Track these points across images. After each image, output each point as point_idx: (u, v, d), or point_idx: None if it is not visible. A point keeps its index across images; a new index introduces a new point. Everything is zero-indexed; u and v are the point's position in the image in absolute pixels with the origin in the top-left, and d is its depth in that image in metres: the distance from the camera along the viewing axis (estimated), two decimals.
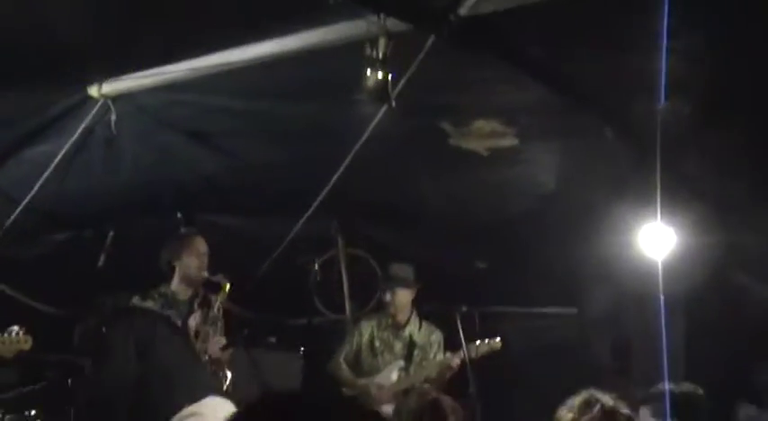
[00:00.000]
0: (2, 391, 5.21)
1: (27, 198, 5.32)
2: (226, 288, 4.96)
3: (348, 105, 4.16)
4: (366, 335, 5.75)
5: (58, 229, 6.09)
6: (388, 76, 3.34)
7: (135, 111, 4.58)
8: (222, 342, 4.93)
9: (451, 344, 5.47)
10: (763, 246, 5.00)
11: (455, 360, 5.33)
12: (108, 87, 4.40)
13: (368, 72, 3.35)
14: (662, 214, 4.34)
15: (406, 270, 5.62)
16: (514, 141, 4.55)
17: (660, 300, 4.67)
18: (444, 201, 5.39)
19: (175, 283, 5.03)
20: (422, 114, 4.40)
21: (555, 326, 6.04)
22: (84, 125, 4.66)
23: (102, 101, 4.47)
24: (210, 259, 5.11)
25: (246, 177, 5.33)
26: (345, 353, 5.77)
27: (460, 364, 5.31)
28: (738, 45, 3.41)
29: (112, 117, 4.54)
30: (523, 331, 5.77)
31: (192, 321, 5.00)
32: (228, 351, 4.95)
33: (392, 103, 3.51)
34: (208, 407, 2.61)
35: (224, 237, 5.61)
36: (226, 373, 4.86)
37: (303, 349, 6.43)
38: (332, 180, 5.11)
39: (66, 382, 5.57)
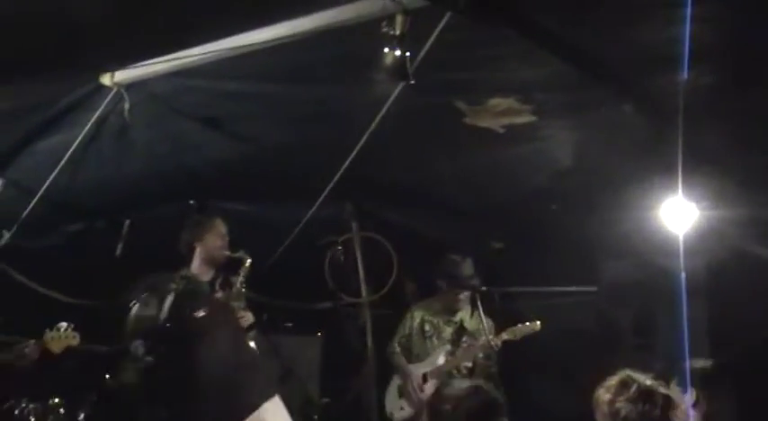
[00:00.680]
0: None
1: (42, 189, 5.32)
2: (247, 263, 4.96)
3: (362, 86, 4.11)
4: (417, 320, 5.97)
5: (73, 220, 6.08)
6: (407, 54, 3.30)
7: (148, 99, 4.54)
8: (250, 318, 4.92)
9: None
10: None
11: (496, 342, 5.51)
12: (121, 75, 4.37)
13: (385, 50, 3.31)
14: (683, 188, 4.30)
15: (466, 265, 5.70)
16: (531, 118, 4.49)
17: (682, 275, 4.64)
18: (460, 181, 5.34)
19: (196, 265, 5.03)
20: (436, 93, 4.33)
21: (575, 304, 6.01)
22: (98, 114, 4.63)
23: (116, 89, 4.44)
24: (229, 244, 5.12)
25: (260, 162, 5.30)
26: (399, 337, 6.00)
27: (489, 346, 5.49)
28: (764, 11, 3.33)
29: (126, 105, 4.50)
30: (543, 310, 5.72)
31: None
32: (253, 330, 4.95)
33: (411, 80, 3.46)
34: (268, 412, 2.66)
35: (237, 223, 5.58)
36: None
37: (320, 333, 6.45)
38: (346, 162, 5.06)
39: (85, 371, 5.61)
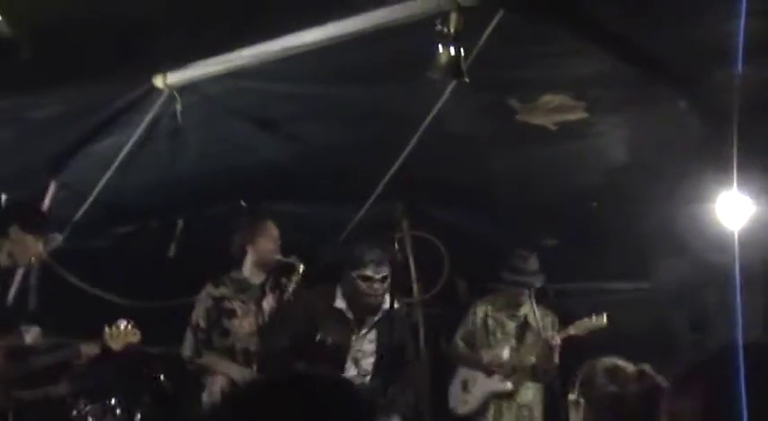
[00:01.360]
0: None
1: (95, 191, 5.39)
2: (299, 269, 4.97)
3: (414, 85, 4.11)
4: (480, 315, 6.00)
5: (125, 221, 6.15)
6: (461, 52, 3.28)
7: (200, 101, 4.58)
8: None
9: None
10: None
11: (558, 338, 5.53)
12: (173, 77, 4.41)
13: (440, 48, 3.30)
14: (738, 183, 4.22)
15: (532, 260, 5.73)
16: (584, 115, 4.45)
17: (736, 270, 4.56)
18: (512, 179, 5.32)
19: (247, 268, 5.05)
20: (488, 91, 4.33)
21: (628, 301, 5.94)
22: (151, 116, 4.68)
23: (168, 91, 4.48)
24: (281, 248, 5.13)
25: (311, 163, 5.32)
26: (462, 333, 6.04)
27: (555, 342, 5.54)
28: None
29: (178, 107, 4.54)
30: (596, 308, 5.67)
31: (266, 305, 5.03)
32: None
33: (465, 78, 3.45)
34: None
35: (288, 223, 5.61)
36: None
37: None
38: (398, 161, 5.06)
39: (141, 370, 5.68)
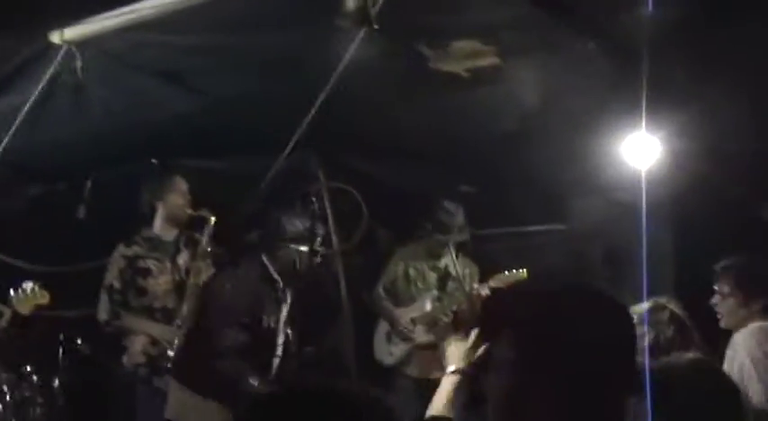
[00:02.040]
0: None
1: None
2: (211, 222, 4.91)
3: (323, 34, 4.02)
4: (401, 266, 5.95)
5: (32, 183, 5.94)
6: None
7: (101, 56, 4.39)
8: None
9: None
10: (746, 152, 4.99)
11: (484, 290, 5.53)
12: (70, 32, 4.22)
13: None
14: (647, 123, 4.30)
15: (459, 214, 5.71)
16: (495, 60, 4.44)
17: (643, 208, 4.68)
18: (427, 127, 5.30)
19: (158, 225, 4.98)
20: (399, 38, 4.26)
21: (546, 244, 6.05)
22: (50, 73, 4.48)
23: (66, 47, 4.29)
24: (191, 202, 5.05)
25: (221, 116, 5.19)
26: (384, 282, 5.97)
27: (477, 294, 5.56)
28: None
29: (78, 63, 4.36)
30: (514, 251, 5.77)
31: (181, 260, 4.98)
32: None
33: (374, 25, 3.38)
34: None
35: (202, 179, 5.50)
36: None
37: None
38: (310, 113, 4.98)
39: (57, 336, 5.55)
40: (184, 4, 3.91)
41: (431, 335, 5.80)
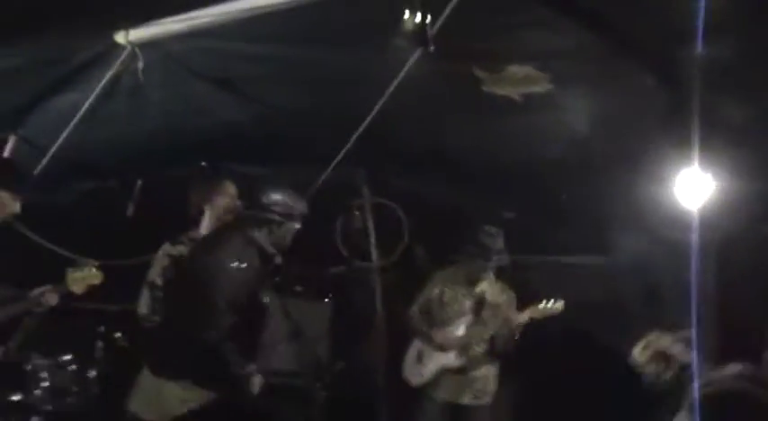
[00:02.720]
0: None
1: (54, 147, 5.29)
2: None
3: (379, 50, 4.06)
4: (437, 288, 5.94)
5: (84, 178, 6.07)
6: (427, 19, 3.25)
7: (162, 59, 4.49)
8: None
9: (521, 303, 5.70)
10: None
11: (522, 318, 5.53)
12: (135, 34, 4.31)
13: (406, 14, 3.27)
14: (699, 161, 4.26)
15: (499, 238, 5.71)
16: (548, 87, 4.45)
17: (693, 247, 4.62)
18: (475, 150, 5.32)
19: (205, 227, 5.03)
20: (454, 60, 4.29)
21: (587, 275, 6.01)
22: (111, 73, 4.59)
23: (130, 48, 4.39)
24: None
25: (273, 125, 5.27)
26: (419, 303, 5.97)
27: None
28: None
29: (140, 64, 4.45)
30: (552, 280, 5.74)
31: None
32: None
33: (431, 47, 3.42)
34: None
35: (249, 186, 5.57)
36: None
37: (329, 299, 6.47)
38: (360, 128, 5.03)
39: (96, 328, 5.66)
40: (247, 14, 3.98)
41: (462, 360, 5.80)
